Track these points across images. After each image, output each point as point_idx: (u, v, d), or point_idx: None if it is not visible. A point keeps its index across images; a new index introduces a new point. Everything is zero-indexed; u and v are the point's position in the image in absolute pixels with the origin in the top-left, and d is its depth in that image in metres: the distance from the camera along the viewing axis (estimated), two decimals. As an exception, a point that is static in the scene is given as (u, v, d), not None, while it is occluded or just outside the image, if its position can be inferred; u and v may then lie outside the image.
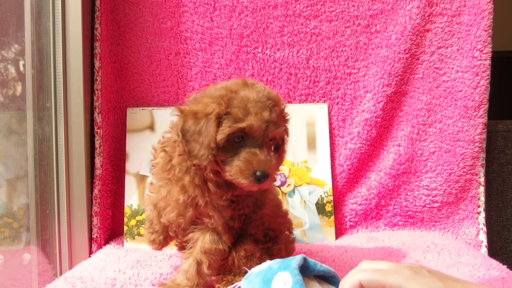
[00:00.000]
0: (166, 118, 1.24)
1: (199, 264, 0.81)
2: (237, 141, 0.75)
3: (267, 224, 0.89)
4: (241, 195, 0.83)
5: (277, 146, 0.83)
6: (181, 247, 0.89)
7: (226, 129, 0.74)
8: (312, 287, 0.66)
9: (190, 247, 0.84)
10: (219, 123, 0.74)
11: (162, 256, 1.06)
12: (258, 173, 0.73)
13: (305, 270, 0.68)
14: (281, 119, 0.80)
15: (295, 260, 0.65)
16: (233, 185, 0.79)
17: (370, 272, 0.54)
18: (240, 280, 0.84)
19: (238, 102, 0.75)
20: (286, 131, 0.82)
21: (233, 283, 0.82)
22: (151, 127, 1.24)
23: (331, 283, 0.69)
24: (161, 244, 0.91)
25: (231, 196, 0.81)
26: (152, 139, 1.23)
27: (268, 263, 0.70)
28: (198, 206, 0.81)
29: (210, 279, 0.84)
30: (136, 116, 1.25)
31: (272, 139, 0.79)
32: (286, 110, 0.83)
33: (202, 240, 0.82)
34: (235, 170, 0.74)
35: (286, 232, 0.94)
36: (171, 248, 1.14)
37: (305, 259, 0.67)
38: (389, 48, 1.25)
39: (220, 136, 0.74)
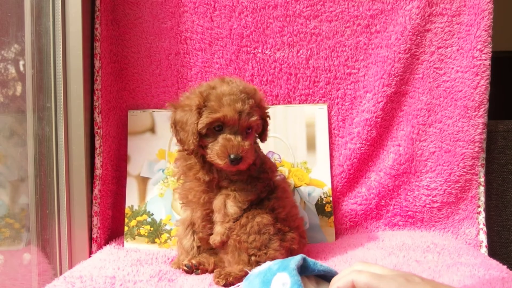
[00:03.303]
0: (166, 120, 1.24)
1: (226, 196, 0.92)
2: (217, 130, 0.89)
3: (289, 207, 0.98)
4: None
5: (260, 134, 0.97)
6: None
7: (204, 119, 0.87)
8: (311, 287, 0.66)
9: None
10: (200, 114, 0.88)
11: (163, 258, 1.06)
12: (232, 156, 0.87)
13: (305, 270, 0.68)
14: (256, 110, 0.91)
15: (293, 261, 0.66)
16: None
17: (365, 275, 0.55)
18: (239, 271, 0.85)
19: (215, 96, 0.88)
20: (260, 120, 0.93)
21: (231, 275, 0.83)
22: (152, 129, 1.24)
23: None
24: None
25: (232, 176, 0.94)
26: (152, 141, 1.23)
27: (268, 264, 0.70)
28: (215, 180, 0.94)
29: (235, 214, 0.91)
30: (137, 118, 1.25)
31: (248, 127, 0.91)
32: (262, 99, 0.95)
33: (230, 185, 0.93)
34: (214, 153, 0.88)
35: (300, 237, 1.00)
36: (172, 249, 1.15)
37: (304, 259, 0.67)
38: (389, 48, 1.25)
39: (200, 126, 0.88)
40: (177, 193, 1.00)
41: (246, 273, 0.74)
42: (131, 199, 1.21)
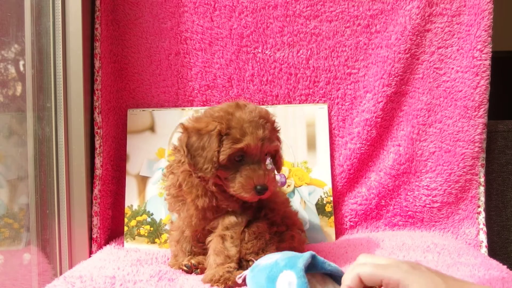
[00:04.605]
0: (166, 119, 1.24)
1: (222, 237, 0.89)
2: (237, 160, 0.85)
3: (282, 210, 0.97)
4: None
5: (273, 156, 0.93)
6: (203, 251, 0.96)
7: (227, 150, 0.83)
8: (315, 287, 0.66)
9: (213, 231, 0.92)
10: (220, 140, 0.83)
11: (163, 258, 1.06)
12: (258, 187, 0.84)
13: (312, 267, 0.67)
14: (274, 134, 0.90)
15: (302, 259, 0.64)
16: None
17: (369, 266, 0.55)
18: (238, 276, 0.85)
19: (235, 123, 0.84)
20: (279, 144, 0.92)
21: (230, 279, 0.83)
22: (152, 128, 1.24)
23: (338, 282, 0.69)
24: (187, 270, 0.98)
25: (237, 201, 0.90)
26: (152, 140, 1.23)
27: (275, 258, 0.69)
28: (212, 207, 0.90)
29: (237, 254, 0.88)
30: (136, 117, 1.25)
31: (267, 153, 0.89)
32: (276, 122, 0.91)
33: (222, 221, 0.90)
34: (238, 186, 0.84)
35: (298, 230, 1.00)
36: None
37: (313, 257, 0.66)
38: (389, 48, 1.25)
39: (222, 157, 0.83)
40: (167, 202, 0.97)
41: (252, 263, 0.73)
42: (131, 199, 1.21)
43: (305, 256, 0.65)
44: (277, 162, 0.94)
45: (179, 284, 0.87)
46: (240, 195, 0.85)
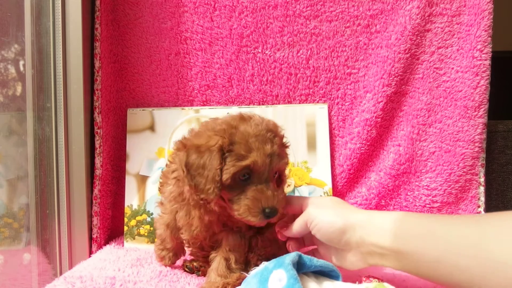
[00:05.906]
0: (166, 118, 1.24)
1: (227, 260, 0.84)
2: (242, 179, 0.75)
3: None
4: None
5: (279, 175, 0.83)
6: (203, 259, 0.92)
7: (230, 168, 0.73)
8: (307, 283, 0.66)
9: (216, 247, 0.87)
10: (222, 157, 0.74)
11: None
12: (267, 210, 0.74)
13: (302, 267, 0.68)
14: (283, 150, 0.81)
15: (289, 257, 0.66)
16: None
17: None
18: (236, 279, 0.85)
19: (239, 138, 0.74)
20: (288, 162, 0.83)
21: (229, 283, 0.83)
22: (152, 128, 1.24)
23: (331, 277, 0.70)
24: (171, 260, 0.96)
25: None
26: (152, 139, 1.23)
27: (263, 264, 0.70)
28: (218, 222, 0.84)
29: (240, 273, 0.84)
30: (136, 116, 1.25)
31: (277, 171, 0.79)
32: (285, 136, 0.84)
33: (227, 240, 0.85)
34: (244, 209, 0.75)
35: None
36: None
37: (300, 256, 0.67)
38: (389, 48, 1.25)
39: (226, 176, 0.73)
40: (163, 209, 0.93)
41: (245, 277, 0.74)
42: (130, 198, 1.21)
43: (292, 254, 0.67)
44: (282, 182, 0.84)
45: (180, 285, 0.88)
46: (246, 219, 0.76)
